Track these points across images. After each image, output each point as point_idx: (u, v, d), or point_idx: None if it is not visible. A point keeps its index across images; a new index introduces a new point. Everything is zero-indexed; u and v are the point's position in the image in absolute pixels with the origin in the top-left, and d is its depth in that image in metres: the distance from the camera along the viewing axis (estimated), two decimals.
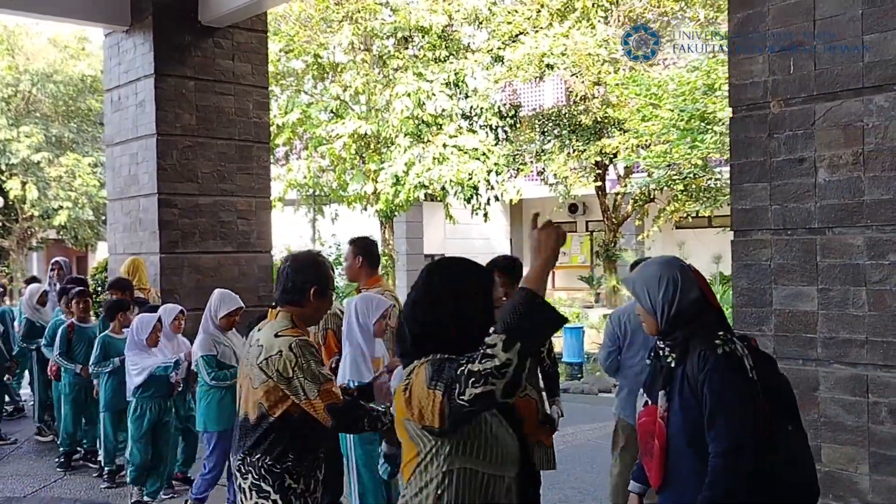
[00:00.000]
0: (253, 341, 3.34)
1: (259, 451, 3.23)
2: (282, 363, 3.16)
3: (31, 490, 6.75)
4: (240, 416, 3.33)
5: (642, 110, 14.08)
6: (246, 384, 3.31)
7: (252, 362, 3.25)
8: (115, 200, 9.41)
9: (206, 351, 5.55)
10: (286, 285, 3.37)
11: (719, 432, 2.71)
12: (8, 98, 22.92)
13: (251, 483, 3.24)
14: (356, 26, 16.15)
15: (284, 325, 3.29)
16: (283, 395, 3.20)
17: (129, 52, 9.04)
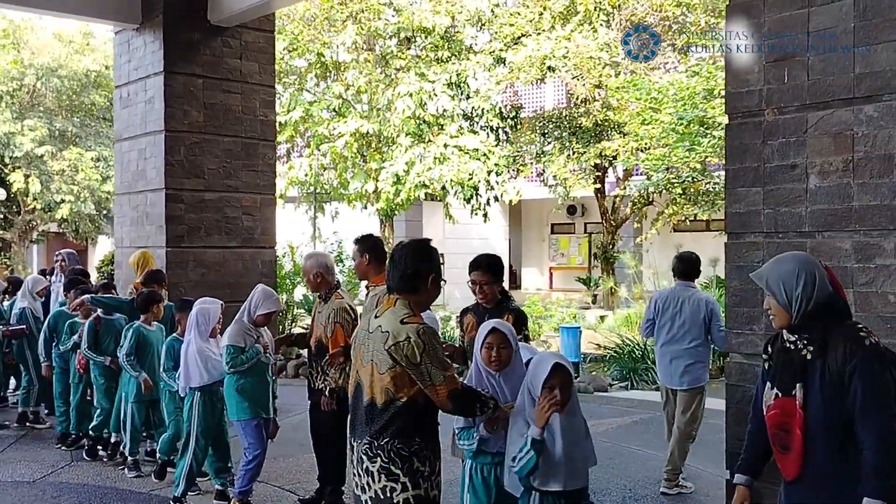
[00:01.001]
0: (372, 327, 3.43)
1: (387, 434, 3.32)
2: (410, 349, 3.26)
3: (39, 475, 6.88)
4: (364, 400, 3.41)
5: (642, 114, 14.26)
6: (368, 369, 3.40)
7: (378, 348, 3.34)
8: (123, 195, 9.56)
9: (234, 341, 5.57)
10: (406, 272, 3.46)
11: (873, 425, 2.78)
12: (13, 92, 22.99)
13: (380, 466, 3.33)
14: (360, 26, 16.30)
15: (407, 312, 3.39)
16: (409, 381, 3.31)
17: (139, 49, 9.20)
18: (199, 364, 5.86)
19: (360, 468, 3.43)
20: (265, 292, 5.73)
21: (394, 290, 3.49)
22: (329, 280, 5.85)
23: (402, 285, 3.46)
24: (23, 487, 6.57)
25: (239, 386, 5.62)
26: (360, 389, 3.46)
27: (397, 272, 3.48)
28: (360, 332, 3.59)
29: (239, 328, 5.62)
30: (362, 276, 5.73)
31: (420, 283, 3.49)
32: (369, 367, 3.40)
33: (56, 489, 6.53)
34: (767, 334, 4.88)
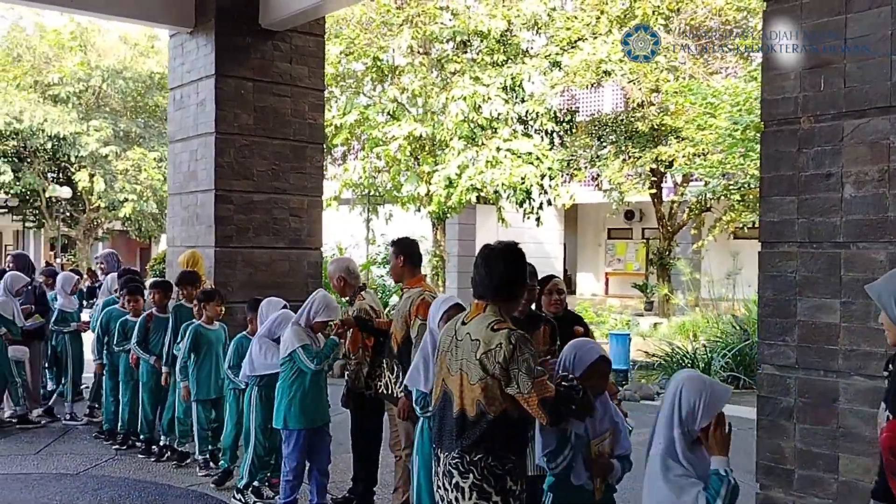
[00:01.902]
0: (460, 335, 3.34)
1: (480, 450, 3.22)
2: (502, 355, 3.16)
3: (83, 468, 7.09)
4: (454, 411, 3.29)
5: (698, 119, 14.05)
6: (457, 379, 3.30)
7: (466, 357, 3.25)
8: (175, 195, 9.77)
9: (303, 341, 5.45)
10: (500, 279, 3.36)
11: None
12: (79, 93, 23.71)
13: (472, 483, 3.22)
14: (416, 30, 16.40)
15: (497, 319, 3.28)
16: (500, 392, 3.19)
17: (192, 52, 9.38)
18: (253, 356, 5.93)
19: (448, 482, 3.31)
20: (326, 300, 5.60)
21: (484, 296, 3.38)
22: (352, 283, 5.91)
23: (495, 293, 3.36)
24: (66, 479, 6.77)
25: (290, 393, 5.50)
26: (447, 399, 3.36)
27: (490, 279, 3.36)
28: (445, 338, 3.47)
29: (300, 329, 5.54)
30: (397, 277, 5.74)
31: (513, 290, 3.41)
32: (458, 376, 3.29)
33: (97, 482, 6.71)
34: (800, 346, 4.79)
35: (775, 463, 4.75)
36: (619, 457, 3.55)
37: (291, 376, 5.49)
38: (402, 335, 5.35)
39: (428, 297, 5.31)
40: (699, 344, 12.57)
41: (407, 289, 5.53)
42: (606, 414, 3.52)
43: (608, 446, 3.48)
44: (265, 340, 5.91)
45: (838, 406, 4.57)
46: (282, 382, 5.55)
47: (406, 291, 5.51)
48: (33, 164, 24.54)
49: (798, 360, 4.76)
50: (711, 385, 3.06)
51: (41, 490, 6.46)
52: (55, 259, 26.47)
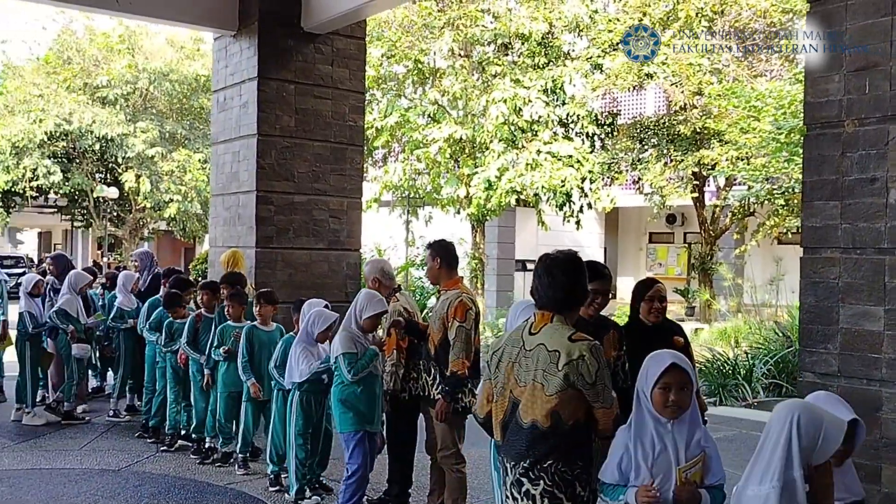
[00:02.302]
0: (530, 345, 3.31)
1: (552, 457, 3.22)
2: (586, 368, 3.16)
3: (125, 464, 7.19)
4: (523, 422, 3.27)
5: (741, 122, 13.87)
6: (527, 389, 3.26)
7: (544, 367, 3.21)
8: (218, 196, 9.89)
9: (347, 349, 5.33)
10: (566, 290, 3.34)
11: None
12: (127, 95, 24.12)
13: (543, 489, 3.22)
14: (457, 32, 16.42)
15: (570, 329, 3.29)
16: (577, 403, 3.20)
17: (235, 55, 9.50)
18: (293, 362, 5.92)
19: (518, 490, 3.29)
20: (368, 294, 5.52)
21: (548, 306, 3.36)
22: (386, 284, 5.89)
23: (560, 303, 3.35)
24: (108, 475, 6.88)
25: (344, 396, 5.40)
26: (514, 409, 3.33)
27: (553, 289, 3.35)
28: (509, 348, 3.42)
29: (348, 335, 5.40)
30: (434, 280, 5.72)
31: (576, 300, 3.41)
32: (529, 387, 3.26)
33: (138, 478, 6.81)
34: (842, 354, 4.72)
35: None
36: (711, 487, 3.19)
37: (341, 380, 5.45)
38: (439, 337, 5.34)
39: (465, 300, 5.32)
40: (741, 350, 12.40)
41: (444, 291, 5.51)
42: (694, 437, 3.18)
43: (697, 474, 3.15)
44: (304, 345, 5.91)
45: (881, 416, 4.50)
46: (334, 387, 5.49)
47: (443, 294, 5.50)
48: (82, 165, 25.03)
49: (840, 368, 4.69)
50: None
51: (84, 485, 6.58)
52: (102, 258, 26.99)
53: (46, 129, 22.93)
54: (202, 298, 7.56)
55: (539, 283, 3.41)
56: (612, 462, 3.17)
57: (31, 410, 8.63)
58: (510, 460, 3.33)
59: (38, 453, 7.52)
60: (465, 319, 5.24)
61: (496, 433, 3.47)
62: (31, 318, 8.60)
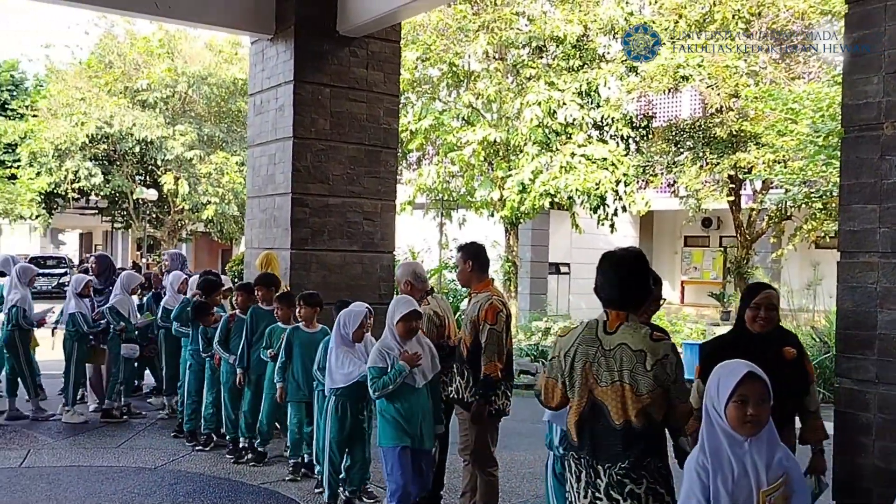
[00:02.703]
0: (609, 345, 3.30)
1: (649, 455, 3.24)
2: (671, 366, 3.20)
3: (161, 463, 7.32)
4: (614, 423, 3.25)
5: (778, 125, 13.72)
6: (614, 390, 3.25)
7: (631, 367, 3.21)
8: (254, 198, 9.98)
9: (373, 363, 5.15)
10: (639, 288, 3.37)
11: None
12: (166, 98, 24.47)
13: (647, 488, 3.22)
14: (492, 35, 16.41)
15: (645, 327, 3.33)
16: (665, 399, 3.23)
17: (271, 59, 9.59)
18: (331, 367, 5.83)
19: (619, 492, 3.25)
20: (395, 300, 5.37)
21: (621, 305, 3.37)
22: (418, 287, 5.88)
23: (635, 301, 3.37)
24: (144, 473, 7.00)
25: (382, 407, 5.21)
26: (599, 411, 3.31)
27: (628, 287, 3.37)
28: (583, 347, 3.38)
29: (379, 348, 5.21)
30: (465, 282, 5.70)
31: (646, 297, 3.46)
32: (616, 387, 3.25)
33: (174, 476, 6.92)
34: (881, 361, 4.66)
35: (853, 481, 4.63)
36: None
37: None
38: (471, 340, 5.35)
39: (496, 302, 5.32)
40: None
41: (475, 294, 5.51)
42: (775, 457, 2.91)
43: (781, 497, 2.88)
44: (342, 348, 5.82)
45: None
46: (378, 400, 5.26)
47: (474, 296, 5.50)
48: (122, 167, 25.44)
49: (878, 374, 4.63)
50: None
51: (121, 483, 6.70)
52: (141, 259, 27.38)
53: (88, 131, 23.33)
54: (237, 299, 7.63)
55: (607, 281, 3.41)
56: (693, 490, 2.90)
57: (70, 409, 8.77)
58: (603, 462, 3.29)
59: (76, 451, 7.66)
60: (495, 322, 5.24)
61: (571, 433, 3.44)
62: (83, 319, 8.73)
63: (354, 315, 5.84)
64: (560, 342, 3.53)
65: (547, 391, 3.59)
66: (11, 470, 6.99)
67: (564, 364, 3.45)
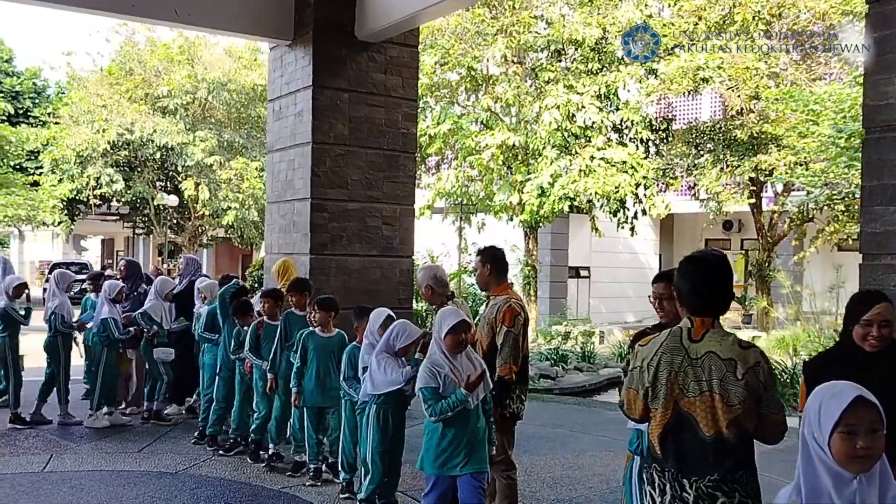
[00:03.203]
0: (696, 353, 3.15)
1: (741, 468, 3.12)
2: (763, 374, 3.10)
3: (182, 467, 7.31)
4: (705, 435, 3.11)
5: (800, 126, 13.62)
6: (703, 400, 3.11)
7: (719, 378, 3.08)
8: (273, 203, 10.01)
9: (425, 382, 4.68)
10: (729, 291, 3.25)
11: None
12: (186, 105, 24.58)
13: (739, 501, 3.11)
14: (510, 39, 16.42)
15: (732, 334, 3.21)
16: (756, 409, 3.11)
17: (290, 64, 9.61)
18: (373, 373, 5.54)
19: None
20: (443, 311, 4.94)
21: (708, 312, 3.21)
22: (439, 291, 5.81)
23: (721, 307, 3.21)
24: (166, 478, 7.01)
25: (431, 430, 4.77)
26: (686, 423, 3.16)
27: (712, 293, 3.22)
28: (668, 356, 3.21)
29: (426, 367, 4.75)
30: (483, 286, 5.68)
31: (730, 303, 3.29)
32: (705, 398, 3.11)
33: (195, 481, 6.92)
34: None
35: None
36: None
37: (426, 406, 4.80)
38: (487, 342, 5.34)
39: (514, 305, 5.30)
40: (799, 359, 12.15)
41: (493, 297, 5.51)
42: (888, 496, 2.37)
43: None
44: (385, 356, 5.51)
45: None
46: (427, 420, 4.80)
47: (492, 299, 5.50)
48: (143, 174, 25.60)
49: None
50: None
51: (142, 487, 6.71)
52: (162, 265, 27.55)
53: (109, 138, 23.48)
54: (264, 306, 7.52)
55: (691, 287, 3.26)
56: None
57: (94, 414, 8.83)
58: (689, 475, 3.15)
59: (98, 455, 7.70)
60: (513, 324, 5.22)
61: (654, 445, 3.27)
62: (115, 324, 8.75)
63: (409, 334, 5.51)
64: (641, 351, 3.33)
65: (629, 402, 3.39)
66: (34, 475, 7.03)
67: (647, 374, 3.25)
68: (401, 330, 5.49)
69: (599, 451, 7.22)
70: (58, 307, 8.83)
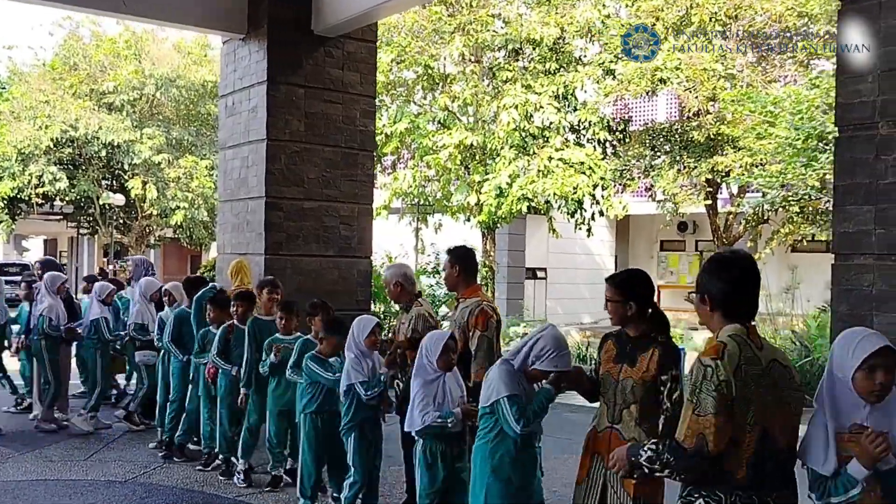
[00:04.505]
0: (765, 361, 2.92)
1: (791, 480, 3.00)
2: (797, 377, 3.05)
3: (131, 476, 7.05)
4: (783, 447, 2.94)
5: (757, 128, 13.65)
6: (776, 413, 2.91)
7: (786, 386, 2.94)
8: (226, 202, 9.74)
9: (510, 391, 4.00)
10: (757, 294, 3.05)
11: None
12: (133, 101, 24.05)
13: None
14: (468, 38, 16.27)
15: None
16: None
17: (244, 59, 9.35)
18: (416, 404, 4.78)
19: None
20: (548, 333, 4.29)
21: (752, 314, 3.02)
22: (408, 289, 5.77)
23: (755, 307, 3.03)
24: (114, 487, 6.74)
25: (495, 460, 4.09)
26: (766, 438, 2.91)
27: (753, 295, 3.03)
28: (748, 370, 2.88)
29: (507, 370, 4.12)
30: (452, 287, 5.57)
31: None
32: (784, 409, 2.94)
33: (145, 490, 6.67)
34: None
35: None
36: None
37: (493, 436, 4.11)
38: (460, 346, 5.18)
39: (486, 308, 5.20)
40: None
41: (463, 299, 5.39)
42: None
43: None
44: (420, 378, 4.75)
45: None
46: (480, 442, 4.16)
47: (462, 302, 5.37)
48: (88, 172, 24.94)
49: None
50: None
51: (89, 496, 6.45)
52: (108, 266, 26.90)
53: (52, 135, 22.85)
54: (237, 309, 7.06)
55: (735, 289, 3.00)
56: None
57: (84, 414, 8.67)
58: (772, 493, 2.92)
59: (42, 464, 7.38)
60: (486, 328, 5.12)
61: (736, 471, 2.89)
62: (106, 325, 8.64)
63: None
64: (720, 367, 2.84)
65: (716, 433, 2.82)
66: None
67: (733, 391, 2.84)
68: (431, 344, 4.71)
69: (562, 455, 7.09)
70: (46, 310, 8.57)
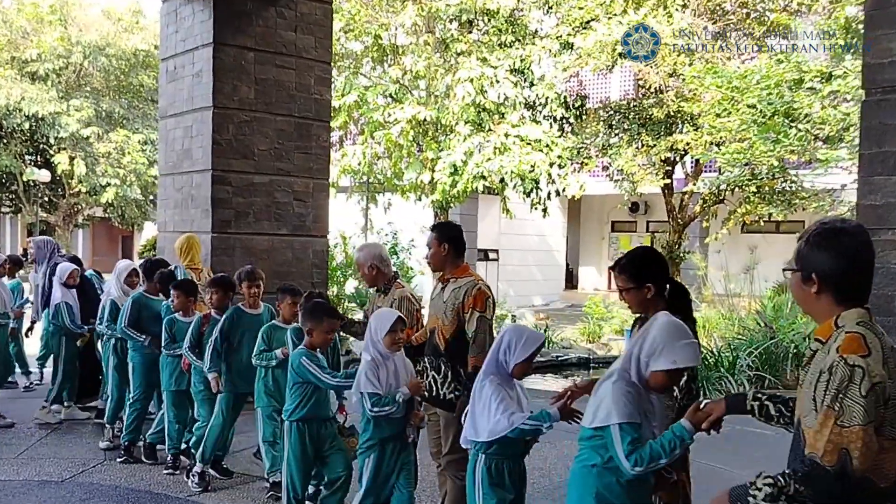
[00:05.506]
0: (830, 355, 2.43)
1: None
2: None
3: (69, 475, 6.36)
4: None
5: (723, 102, 13.28)
6: None
7: None
8: (167, 175, 9.07)
9: (626, 417, 3.07)
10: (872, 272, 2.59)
11: None
12: (59, 70, 23.03)
13: None
14: (420, 7, 15.63)
15: None
16: None
17: (187, 19, 8.69)
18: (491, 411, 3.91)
19: None
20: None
21: (866, 299, 2.49)
22: (385, 272, 5.40)
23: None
24: (49, 487, 6.05)
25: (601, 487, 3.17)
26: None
27: (871, 273, 2.53)
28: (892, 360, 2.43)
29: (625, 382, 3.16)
30: (438, 266, 5.01)
31: None
32: None
33: (85, 490, 6.00)
34: None
35: None
36: None
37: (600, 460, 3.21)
38: (452, 329, 4.74)
39: (484, 288, 4.75)
40: (721, 342, 11.88)
41: (452, 279, 4.88)
42: None
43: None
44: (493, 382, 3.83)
45: None
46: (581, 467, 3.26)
47: (452, 282, 4.87)
48: (10, 146, 23.78)
49: None
50: None
51: (22, 499, 5.79)
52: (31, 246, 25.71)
53: None
54: (212, 297, 6.30)
55: (860, 267, 2.49)
56: None
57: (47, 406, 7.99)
58: None
59: None
60: (485, 309, 4.69)
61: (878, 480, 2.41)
62: (68, 310, 7.73)
63: (530, 340, 3.86)
64: (871, 367, 2.35)
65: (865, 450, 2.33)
66: None
67: (887, 393, 2.36)
68: (516, 340, 3.82)
69: None
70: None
